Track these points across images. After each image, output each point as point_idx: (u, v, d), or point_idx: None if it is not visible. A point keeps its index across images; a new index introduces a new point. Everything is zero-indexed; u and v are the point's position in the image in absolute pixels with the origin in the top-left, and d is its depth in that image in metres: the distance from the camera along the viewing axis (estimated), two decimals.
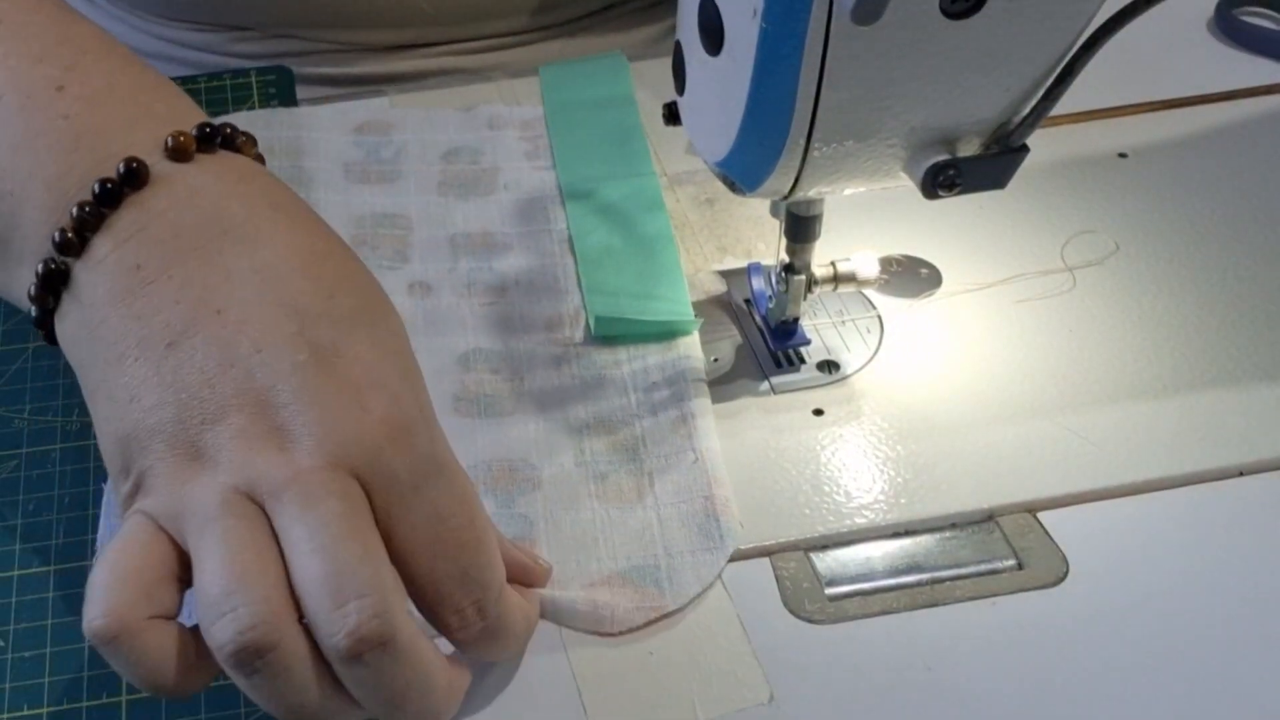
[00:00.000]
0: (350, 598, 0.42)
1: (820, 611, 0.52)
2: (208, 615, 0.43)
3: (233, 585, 0.42)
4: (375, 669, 0.43)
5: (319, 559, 0.43)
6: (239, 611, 0.42)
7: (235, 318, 0.46)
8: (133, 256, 0.47)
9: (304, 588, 0.43)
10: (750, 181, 0.53)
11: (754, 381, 0.61)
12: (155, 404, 0.45)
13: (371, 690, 0.44)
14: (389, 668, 0.43)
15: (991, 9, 0.46)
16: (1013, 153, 0.52)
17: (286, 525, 0.43)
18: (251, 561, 0.43)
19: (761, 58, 0.47)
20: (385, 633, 0.42)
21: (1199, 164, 0.72)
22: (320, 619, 0.42)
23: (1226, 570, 0.53)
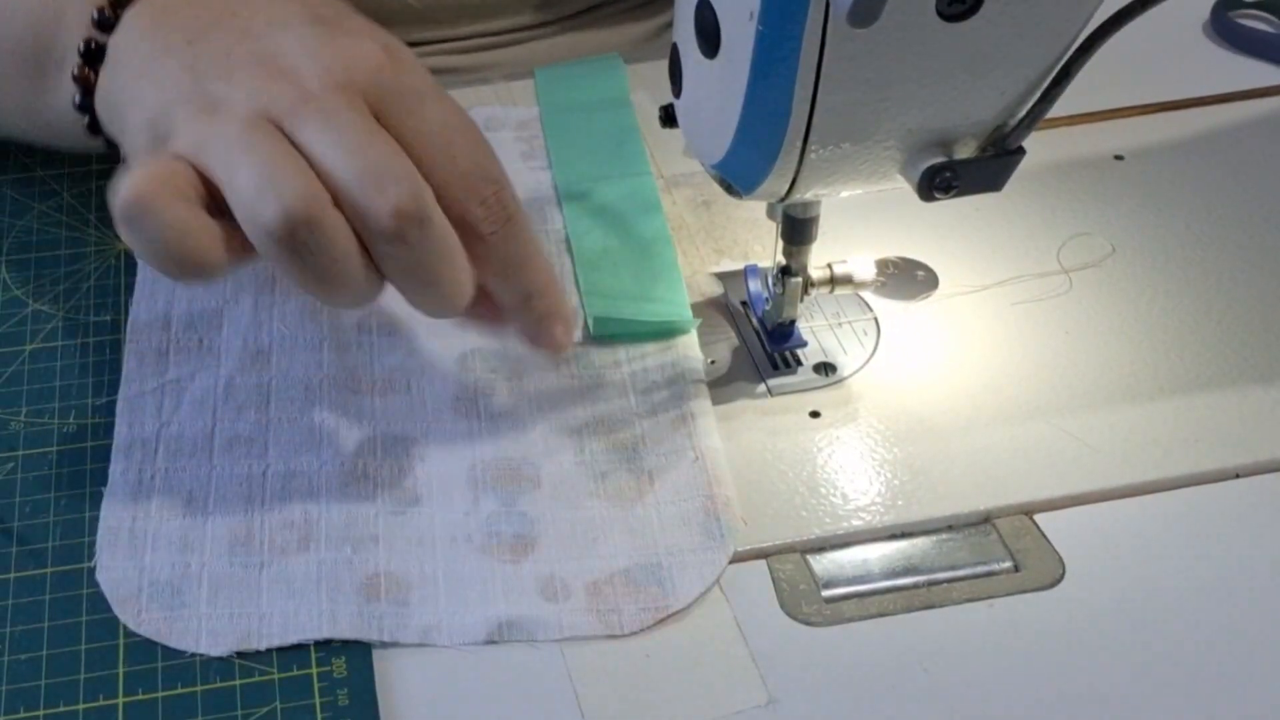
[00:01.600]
0: (389, 183, 0.47)
1: (817, 613, 0.52)
2: (250, 206, 0.46)
3: (272, 175, 0.46)
4: (414, 245, 0.47)
5: (352, 155, 0.47)
6: (283, 192, 0.46)
7: (248, 13, 0.52)
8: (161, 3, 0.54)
9: (341, 181, 0.47)
10: (747, 184, 0.53)
11: (751, 384, 0.61)
12: (176, 80, 0.51)
13: (408, 267, 0.48)
14: (426, 243, 0.48)
15: (988, 11, 0.46)
16: (1009, 155, 0.52)
17: (310, 136, 0.48)
18: (285, 155, 0.47)
19: (758, 60, 0.48)
20: (424, 210, 0.47)
21: (1195, 166, 0.72)
22: (362, 204, 0.47)
23: (1222, 572, 0.53)
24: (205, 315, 0.62)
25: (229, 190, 0.47)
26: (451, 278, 0.49)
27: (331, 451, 0.57)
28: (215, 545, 0.53)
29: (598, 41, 0.84)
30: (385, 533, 0.54)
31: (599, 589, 0.52)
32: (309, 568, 0.52)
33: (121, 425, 0.57)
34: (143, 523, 0.54)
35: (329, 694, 0.49)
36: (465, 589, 0.52)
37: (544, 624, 0.51)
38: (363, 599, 0.52)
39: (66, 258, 0.66)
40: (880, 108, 0.49)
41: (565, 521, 0.55)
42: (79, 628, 0.51)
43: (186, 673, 0.50)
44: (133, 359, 0.60)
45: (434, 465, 0.57)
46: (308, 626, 0.51)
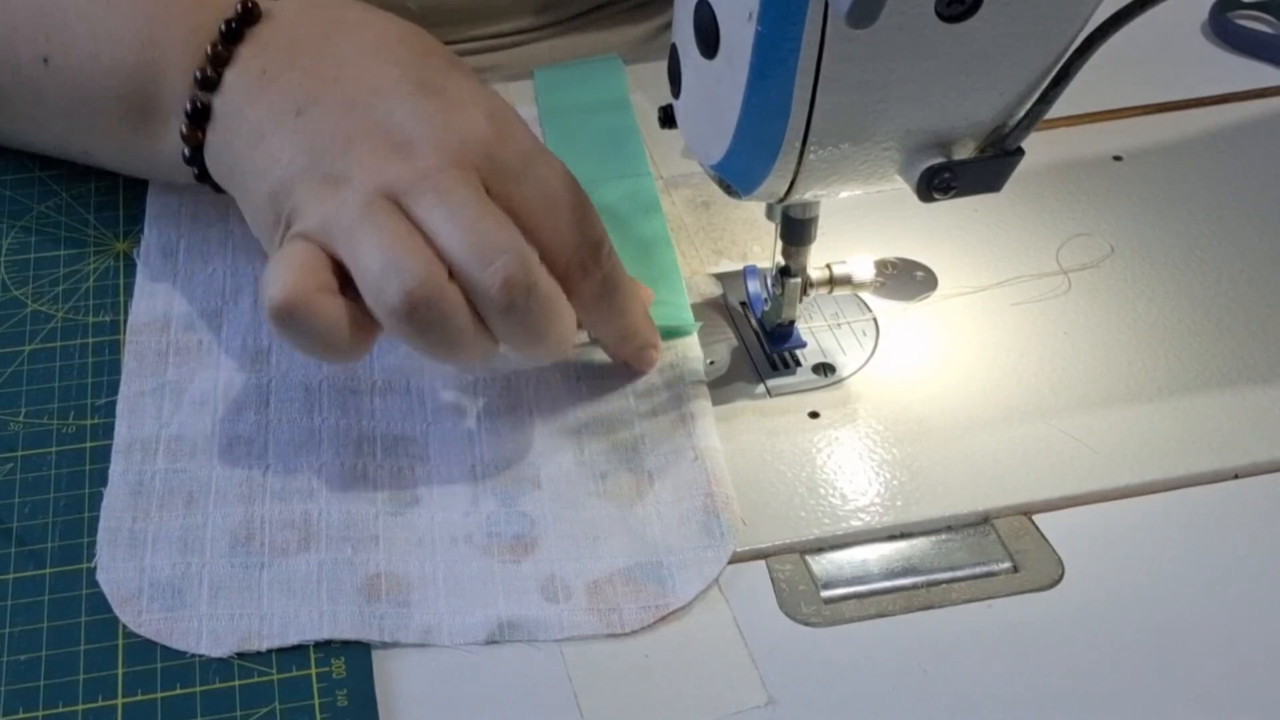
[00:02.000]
0: (498, 256, 0.50)
1: (816, 614, 0.52)
2: (376, 286, 0.50)
3: (394, 256, 0.50)
4: (523, 311, 0.51)
5: (464, 231, 0.51)
6: (405, 274, 0.50)
7: (352, 79, 0.55)
8: (258, 65, 0.57)
9: (454, 257, 0.51)
10: (746, 184, 0.53)
11: (750, 384, 0.61)
12: (292, 157, 0.54)
13: (519, 330, 0.52)
14: (533, 308, 0.51)
15: (987, 12, 0.46)
16: (1008, 156, 0.52)
17: (426, 213, 0.51)
18: (405, 237, 0.51)
19: (757, 61, 0.48)
20: (530, 279, 0.51)
21: (1194, 167, 0.72)
22: (474, 278, 0.51)
23: (1221, 573, 0.53)
24: (205, 316, 0.62)
25: (355, 271, 0.51)
26: (558, 333, 0.53)
27: (331, 452, 0.57)
28: (216, 546, 0.53)
29: (596, 43, 0.84)
30: (385, 533, 0.54)
31: (599, 588, 0.52)
32: (309, 568, 0.52)
33: (121, 426, 0.57)
34: (143, 523, 0.54)
35: (328, 695, 0.49)
36: (466, 589, 0.52)
37: (545, 624, 0.51)
38: (363, 599, 0.52)
39: (66, 258, 0.66)
40: (879, 108, 0.49)
41: (565, 521, 0.55)
42: (78, 628, 0.51)
43: (185, 673, 0.50)
44: (132, 360, 0.60)
45: (434, 465, 0.57)
46: (308, 627, 0.51)
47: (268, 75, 0.57)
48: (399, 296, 0.50)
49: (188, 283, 0.64)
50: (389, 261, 0.50)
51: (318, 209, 0.52)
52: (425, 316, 0.50)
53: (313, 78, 0.56)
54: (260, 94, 0.56)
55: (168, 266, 0.65)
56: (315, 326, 0.51)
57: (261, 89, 0.56)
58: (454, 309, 0.51)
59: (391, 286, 0.50)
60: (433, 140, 0.53)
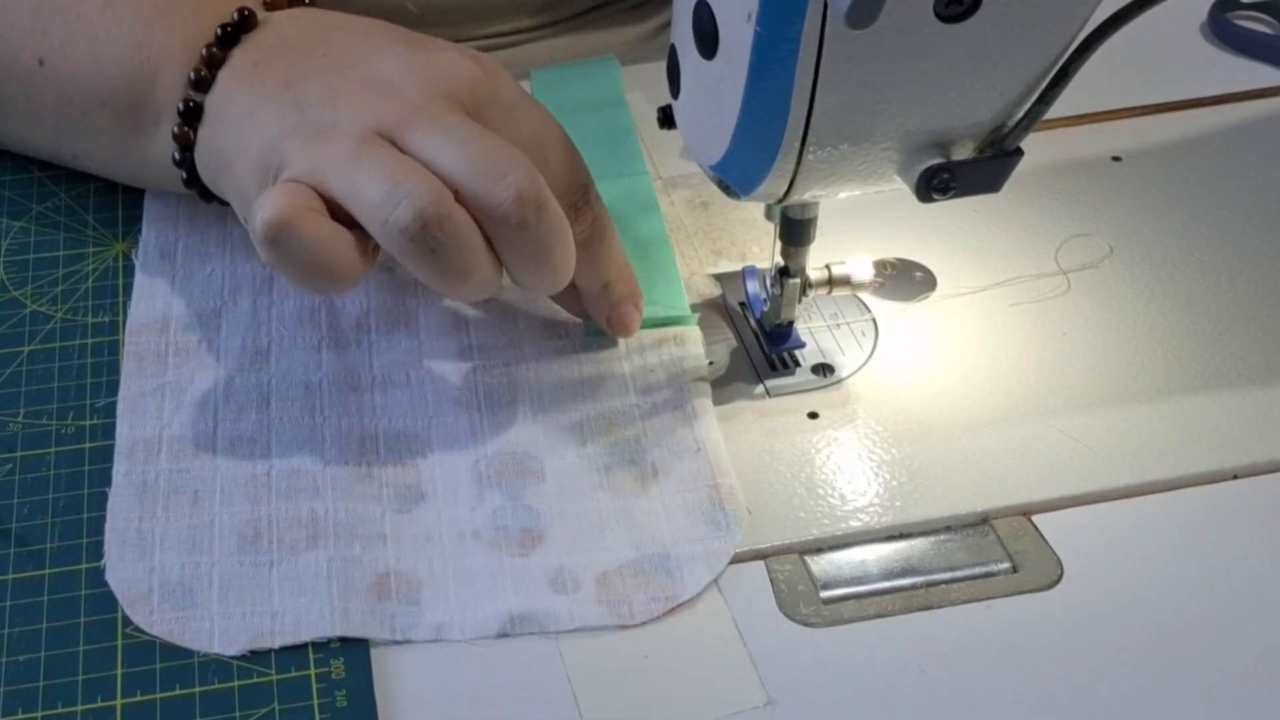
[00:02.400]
0: (508, 171, 0.50)
1: (815, 615, 0.52)
2: (381, 212, 0.50)
3: (398, 181, 0.50)
4: (533, 228, 0.51)
5: (467, 150, 0.51)
6: (414, 196, 0.49)
7: (340, 49, 0.56)
8: (250, 60, 0.58)
9: (460, 178, 0.51)
10: (745, 185, 0.53)
11: (749, 385, 0.61)
12: (281, 121, 0.54)
13: (529, 249, 0.52)
14: (544, 225, 0.51)
15: (986, 13, 0.46)
16: (1007, 156, 0.52)
17: (421, 142, 0.51)
18: (404, 163, 0.51)
19: (756, 61, 0.48)
20: (542, 195, 0.51)
21: (1193, 167, 0.72)
22: (484, 194, 0.50)
23: (1220, 573, 0.53)
24: (204, 316, 0.62)
25: (356, 203, 0.51)
26: (563, 256, 0.53)
27: (335, 450, 0.57)
28: (224, 545, 0.53)
29: (595, 43, 0.84)
30: (392, 531, 0.54)
31: (608, 580, 0.52)
32: (319, 565, 0.53)
33: (122, 427, 0.57)
34: (149, 523, 0.54)
35: (327, 695, 0.49)
36: (475, 584, 0.52)
37: (555, 616, 0.51)
38: (374, 598, 0.52)
39: (65, 259, 0.66)
40: (878, 109, 0.49)
41: (572, 514, 0.55)
42: (77, 629, 0.51)
43: (185, 674, 0.50)
44: (132, 361, 0.60)
45: (438, 461, 0.57)
46: (321, 624, 0.51)
47: (259, 66, 0.58)
48: (409, 215, 0.49)
49: (186, 283, 0.64)
50: (393, 187, 0.50)
51: (307, 156, 0.52)
52: (438, 236, 0.50)
53: (302, 60, 0.57)
54: (250, 81, 0.57)
55: (166, 267, 0.65)
56: (308, 244, 0.50)
57: (252, 77, 0.57)
58: (466, 228, 0.51)
59: (400, 209, 0.50)
60: (418, 81, 0.54)
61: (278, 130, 0.54)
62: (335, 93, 0.54)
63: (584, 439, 0.58)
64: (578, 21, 0.85)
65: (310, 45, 0.58)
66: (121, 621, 0.51)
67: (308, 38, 0.58)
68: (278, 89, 0.56)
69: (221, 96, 0.58)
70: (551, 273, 0.54)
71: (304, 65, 0.56)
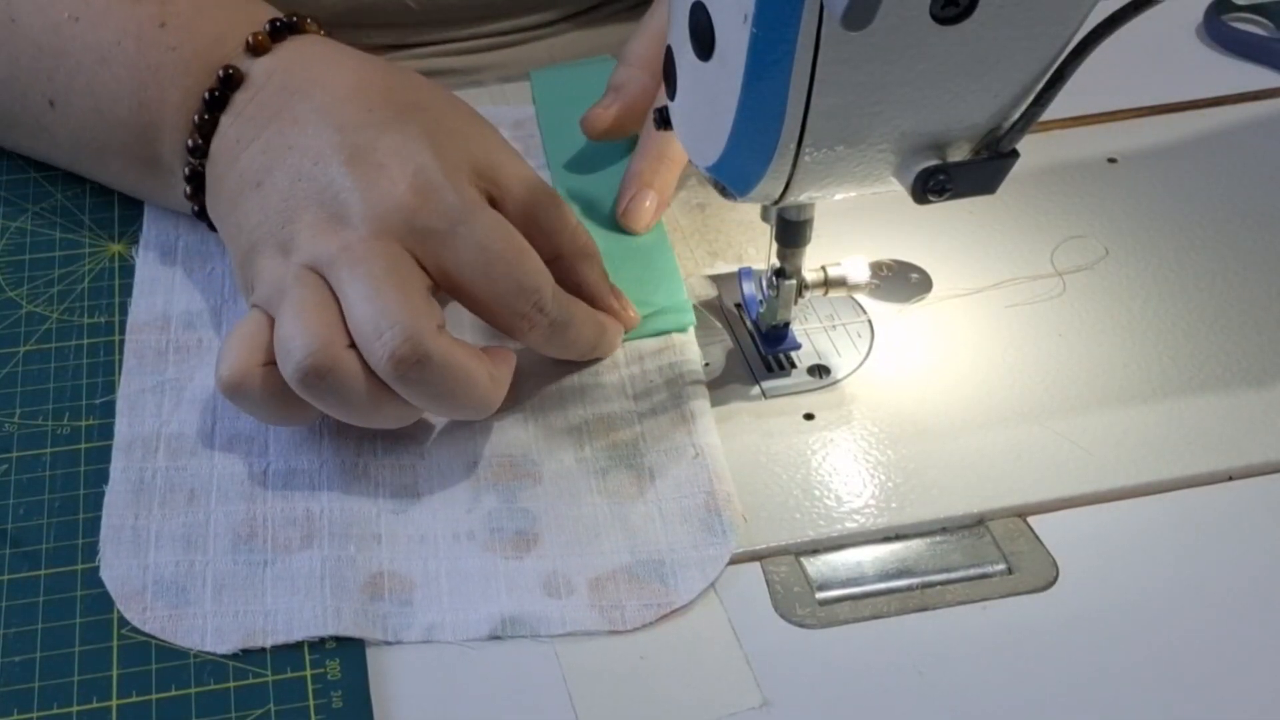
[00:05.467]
0: (385, 329, 0.52)
1: (811, 616, 0.52)
2: (280, 353, 0.53)
3: (295, 326, 0.52)
4: (418, 381, 0.52)
5: (363, 304, 0.52)
6: (298, 345, 0.52)
7: (300, 148, 0.57)
8: (235, 134, 0.60)
9: (355, 329, 0.53)
10: (741, 186, 0.53)
11: (745, 386, 0.61)
12: (257, 224, 0.57)
13: (422, 397, 0.53)
14: (430, 377, 0.52)
15: (981, 15, 0.46)
16: (1003, 158, 0.52)
17: (340, 284, 0.53)
18: (311, 311, 0.53)
19: (752, 63, 0.48)
20: (419, 351, 0.52)
21: (1188, 169, 0.72)
22: (367, 350, 0.52)
23: (1215, 574, 0.53)
24: (204, 314, 0.62)
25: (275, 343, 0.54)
26: (466, 397, 0.54)
27: (332, 450, 0.57)
28: (219, 543, 0.53)
29: (593, 42, 0.84)
30: (387, 531, 0.54)
31: (602, 585, 0.52)
32: (313, 565, 0.53)
33: (122, 424, 0.58)
34: (145, 521, 0.54)
35: (323, 696, 0.49)
36: (468, 586, 0.52)
37: (547, 620, 0.51)
38: (366, 598, 0.52)
39: (61, 259, 0.66)
40: (874, 110, 0.49)
41: (567, 518, 0.55)
42: (73, 630, 0.51)
43: (181, 675, 0.50)
44: (132, 358, 0.60)
45: (434, 462, 0.57)
46: (313, 623, 0.51)
47: (240, 144, 0.59)
48: (291, 366, 0.52)
49: (187, 281, 0.64)
50: (291, 330, 0.52)
51: (266, 279, 0.55)
52: (319, 386, 0.52)
53: (273, 148, 0.58)
54: (233, 164, 0.59)
55: (167, 265, 0.65)
56: (255, 399, 0.54)
57: (234, 159, 0.59)
58: (349, 378, 0.52)
59: (287, 353, 0.52)
60: (362, 211, 0.55)
61: (252, 237, 0.57)
62: (295, 210, 0.56)
63: (581, 442, 0.58)
64: (577, 21, 0.85)
65: (281, 116, 0.59)
66: (117, 622, 0.51)
67: (282, 99, 0.59)
68: (251, 185, 0.58)
69: (214, 169, 0.60)
70: (461, 411, 0.56)
71: (271, 157, 0.58)
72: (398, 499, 0.55)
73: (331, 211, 0.55)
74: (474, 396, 0.54)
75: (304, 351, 0.52)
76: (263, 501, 0.55)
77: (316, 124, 0.58)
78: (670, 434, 0.58)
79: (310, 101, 0.59)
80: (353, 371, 0.53)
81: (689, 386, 0.59)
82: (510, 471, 0.57)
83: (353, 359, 0.53)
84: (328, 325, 0.53)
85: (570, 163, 0.71)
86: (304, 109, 0.59)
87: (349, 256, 0.54)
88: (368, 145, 0.56)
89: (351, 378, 0.53)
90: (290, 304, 0.53)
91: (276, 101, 0.59)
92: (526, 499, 0.56)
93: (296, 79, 0.60)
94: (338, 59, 0.61)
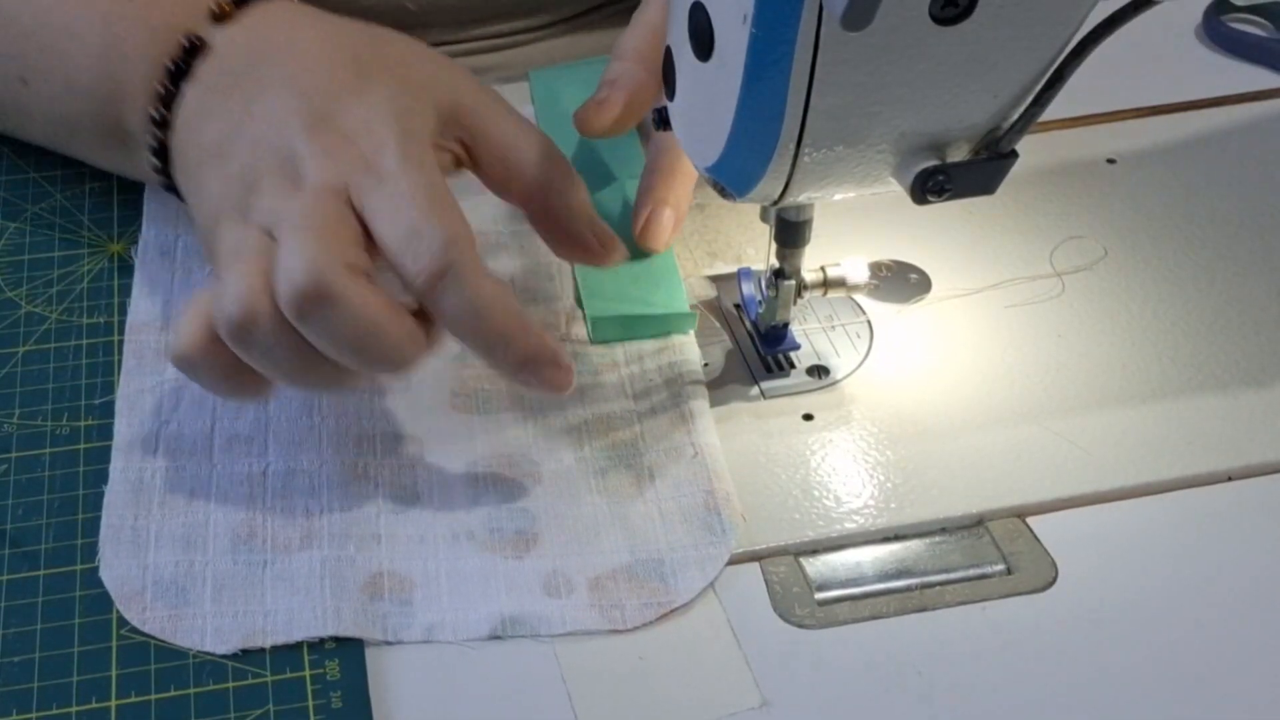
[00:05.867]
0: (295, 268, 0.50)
1: (810, 616, 0.52)
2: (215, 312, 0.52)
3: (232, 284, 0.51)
4: (322, 322, 0.51)
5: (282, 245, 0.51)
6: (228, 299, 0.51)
7: (261, 114, 0.56)
8: (198, 105, 0.59)
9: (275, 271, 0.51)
10: (740, 187, 0.53)
11: (744, 386, 0.61)
12: (218, 193, 0.56)
13: (327, 342, 0.51)
14: (336, 319, 0.50)
15: (981, 15, 0.46)
16: (1002, 158, 0.52)
17: (281, 237, 0.52)
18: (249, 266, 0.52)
19: (752, 63, 0.48)
20: (323, 289, 0.50)
21: (1187, 170, 0.72)
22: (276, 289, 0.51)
23: (1215, 575, 0.53)
24: None
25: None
26: (376, 348, 0.51)
27: (331, 450, 0.57)
28: (218, 543, 0.53)
29: (592, 43, 0.84)
30: (387, 531, 0.54)
31: (601, 584, 0.52)
32: (312, 564, 0.53)
33: (121, 424, 0.57)
34: (145, 521, 0.54)
35: (322, 696, 0.49)
36: (468, 585, 0.52)
37: (547, 619, 0.51)
38: (366, 598, 0.52)
39: (60, 260, 0.66)
40: (873, 111, 0.49)
41: (567, 517, 0.55)
42: (72, 630, 0.51)
43: (180, 675, 0.50)
44: (131, 358, 0.60)
45: (434, 462, 0.57)
46: (313, 624, 0.51)
47: (202, 114, 0.58)
48: (222, 319, 0.51)
49: (186, 281, 0.64)
50: (228, 287, 0.52)
51: (227, 244, 0.54)
52: (244, 339, 0.51)
53: (235, 116, 0.57)
54: (196, 133, 0.58)
55: (166, 265, 0.65)
56: (206, 375, 0.53)
57: (198, 130, 0.58)
58: (270, 331, 0.51)
59: (221, 310, 0.51)
60: (313, 171, 0.54)
61: (213, 206, 0.56)
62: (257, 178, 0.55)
63: (581, 441, 0.58)
64: (575, 22, 0.85)
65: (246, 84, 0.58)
66: (116, 622, 0.51)
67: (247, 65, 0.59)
68: (211, 154, 0.57)
69: (176, 139, 0.59)
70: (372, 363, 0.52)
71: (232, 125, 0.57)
72: (397, 499, 0.55)
73: (290, 173, 0.54)
74: (384, 346, 0.51)
75: (233, 303, 0.51)
76: (262, 501, 0.55)
77: (279, 91, 0.57)
78: (669, 434, 0.58)
79: (275, 68, 0.58)
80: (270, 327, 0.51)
81: (688, 386, 0.59)
82: (510, 471, 0.57)
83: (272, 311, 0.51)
84: (255, 280, 0.51)
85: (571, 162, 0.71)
86: (269, 75, 0.58)
87: (298, 210, 0.53)
88: (328, 112, 0.56)
89: (270, 332, 0.51)
90: (227, 259, 0.53)
91: (240, 69, 0.59)
92: (526, 499, 0.56)
93: (260, 46, 0.59)
94: (303, 23, 0.60)
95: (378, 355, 0.52)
